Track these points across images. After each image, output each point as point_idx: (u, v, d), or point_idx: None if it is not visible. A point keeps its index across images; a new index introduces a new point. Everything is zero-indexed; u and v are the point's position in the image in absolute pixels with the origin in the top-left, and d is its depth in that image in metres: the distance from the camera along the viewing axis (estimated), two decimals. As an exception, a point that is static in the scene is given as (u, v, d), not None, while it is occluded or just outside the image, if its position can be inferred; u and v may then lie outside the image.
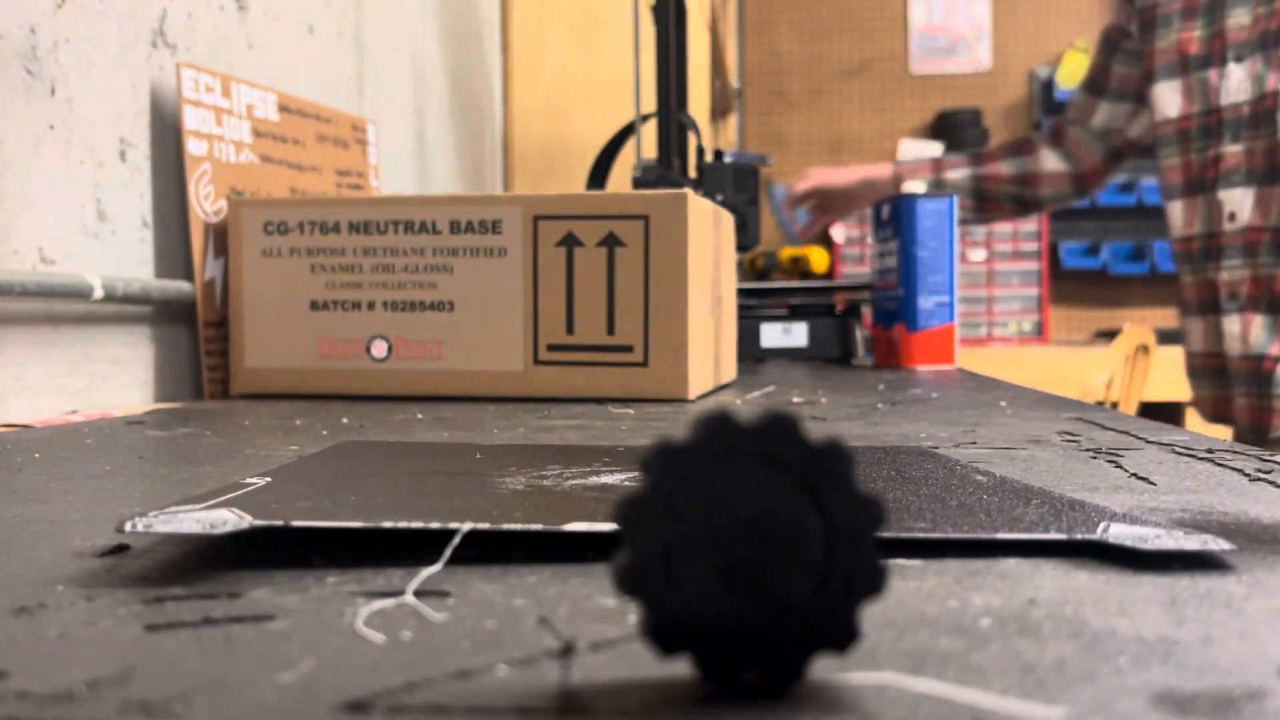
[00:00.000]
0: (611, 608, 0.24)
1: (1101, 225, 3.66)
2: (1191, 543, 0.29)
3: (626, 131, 1.47)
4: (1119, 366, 2.46)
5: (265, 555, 0.29)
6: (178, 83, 0.88)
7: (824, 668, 0.20)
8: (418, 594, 0.25)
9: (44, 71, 0.76)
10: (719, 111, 3.23)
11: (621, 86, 1.81)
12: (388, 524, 0.29)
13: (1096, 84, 1.49)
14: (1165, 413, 2.59)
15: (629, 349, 0.82)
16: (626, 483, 0.38)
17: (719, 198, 1.35)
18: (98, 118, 0.82)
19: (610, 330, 0.82)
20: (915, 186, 1.35)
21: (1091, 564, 0.28)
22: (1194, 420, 2.61)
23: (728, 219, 1.02)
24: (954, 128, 3.78)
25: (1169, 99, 1.38)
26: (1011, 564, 0.28)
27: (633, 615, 0.24)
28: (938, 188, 1.55)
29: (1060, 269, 3.72)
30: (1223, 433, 1.27)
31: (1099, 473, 0.45)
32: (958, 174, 1.56)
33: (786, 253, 3.53)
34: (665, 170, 1.37)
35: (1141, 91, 1.44)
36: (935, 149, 3.78)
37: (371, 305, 0.85)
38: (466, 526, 0.29)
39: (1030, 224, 3.62)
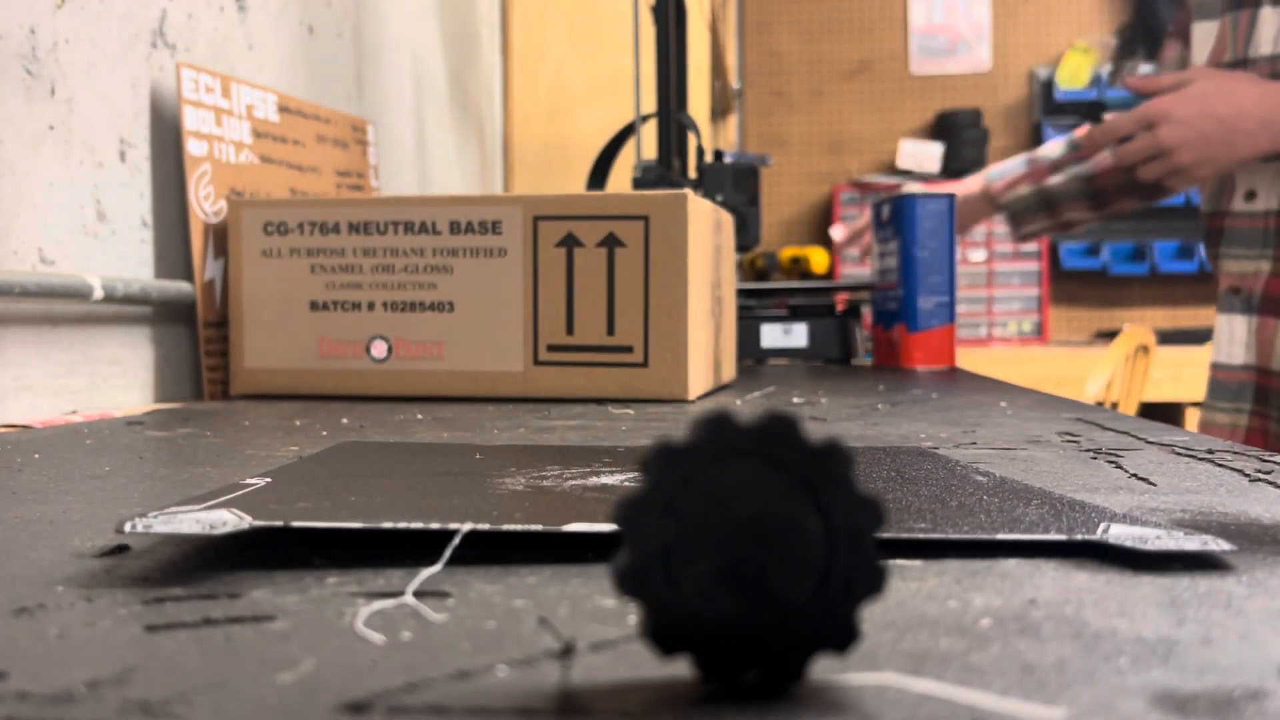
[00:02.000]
0: (611, 608, 0.24)
1: (1101, 225, 3.66)
2: (1191, 543, 0.29)
3: (626, 132, 1.47)
4: (1119, 367, 2.46)
5: (265, 556, 0.29)
6: (178, 83, 0.88)
7: (824, 668, 0.20)
8: (417, 594, 0.25)
9: (44, 72, 0.76)
10: (719, 112, 3.23)
11: (621, 86, 1.81)
12: (387, 524, 0.29)
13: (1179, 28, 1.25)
14: (1165, 413, 2.59)
15: (629, 349, 0.82)
16: (626, 483, 0.38)
17: (719, 198, 1.35)
18: (97, 118, 0.82)
19: (610, 331, 0.82)
20: (915, 187, 1.34)
21: (1092, 564, 0.28)
22: (1193, 420, 2.61)
23: (728, 219, 1.02)
24: (954, 128, 3.78)
25: (1202, 41, 1.15)
26: (1012, 564, 0.28)
27: (633, 615, 0.24)
28: (1043, 204, 1.35)
29: (1060, 269, 3.72)
30: None
31: (1099, 473, 0.45)
32: (1062, 179, 1.34)
33: (786, 253, 3.54)
34: (665, 170, 1.37)
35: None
36: (935, 150, 3.78)
37: (371, 306, 0.85)
38: (466, 527, 0.29)
39: (1030, 224, 3.61)
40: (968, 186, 1.39)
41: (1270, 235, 1.09)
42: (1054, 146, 1.36)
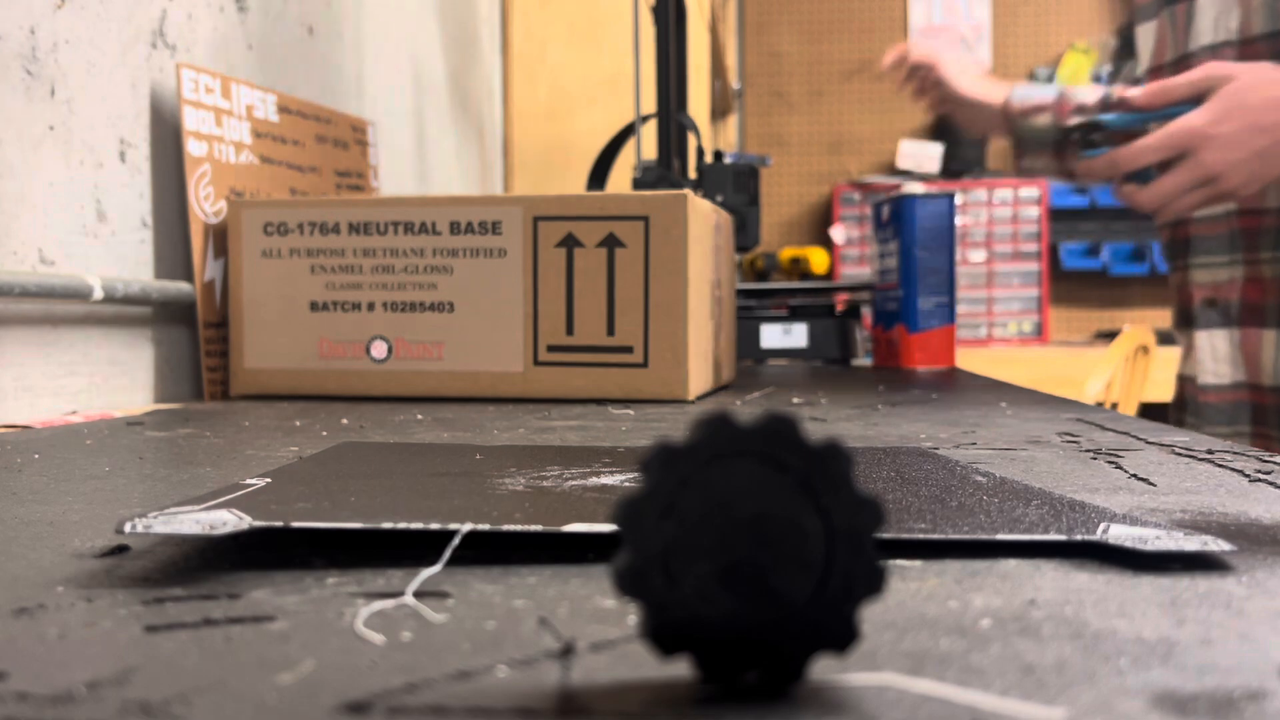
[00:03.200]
0: (611, 608, 0.24)
1: (1101, 226, 3.66)
2: (1191, 544, 0.29)
3: (626, 132, 1.47)
4: (1119, 367, 2.46)
5: (265, 556, 0.29)
6: (177, 83, 0.88)
7: (824, 668, 0.20)
8: (417, 595, 0.25)
9: (44, 72, 0.76)
10: (719, 112, 3.23)
11: (621, 87, 1.81)
12: (387, 525, 0.29)
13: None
14: (1165, 414, 2.59)
15: (629, 350, 0.82)
16: (626, 483, 0.38)
17: (719, 198, 1.35)
18: (97, 118, 0.82)
19: (610, 331, 0.82)
20: (915, 187, 1.34)
21: (1091, 565, 0.28)
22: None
23: (727, 219, 1.02)
24: (954, 128, 3.78)
25: (1145, 44, 1.11)
26: (1011, 565, 0.28)
27: (632, 616, 0.24)
28: (1055, 143, 1.15)
29: (1060, 269, 3.72)
30: None
31: (1099, 473, 0.45)
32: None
33: (786, 253, 3.54)
34: (665, 171, 1.37)
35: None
36: (935, 150, 3.78)
37: (371, 306, 0.85)
38: (466, 527, 0.29)
39: (1030, 225, 3.61)
40: (992, 94, 1.20)
41: (1237, 237, 1.01)
42: (1091, 92, 1.16)
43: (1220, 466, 0.46)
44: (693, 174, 1.43)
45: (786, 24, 3.92)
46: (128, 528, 0.28)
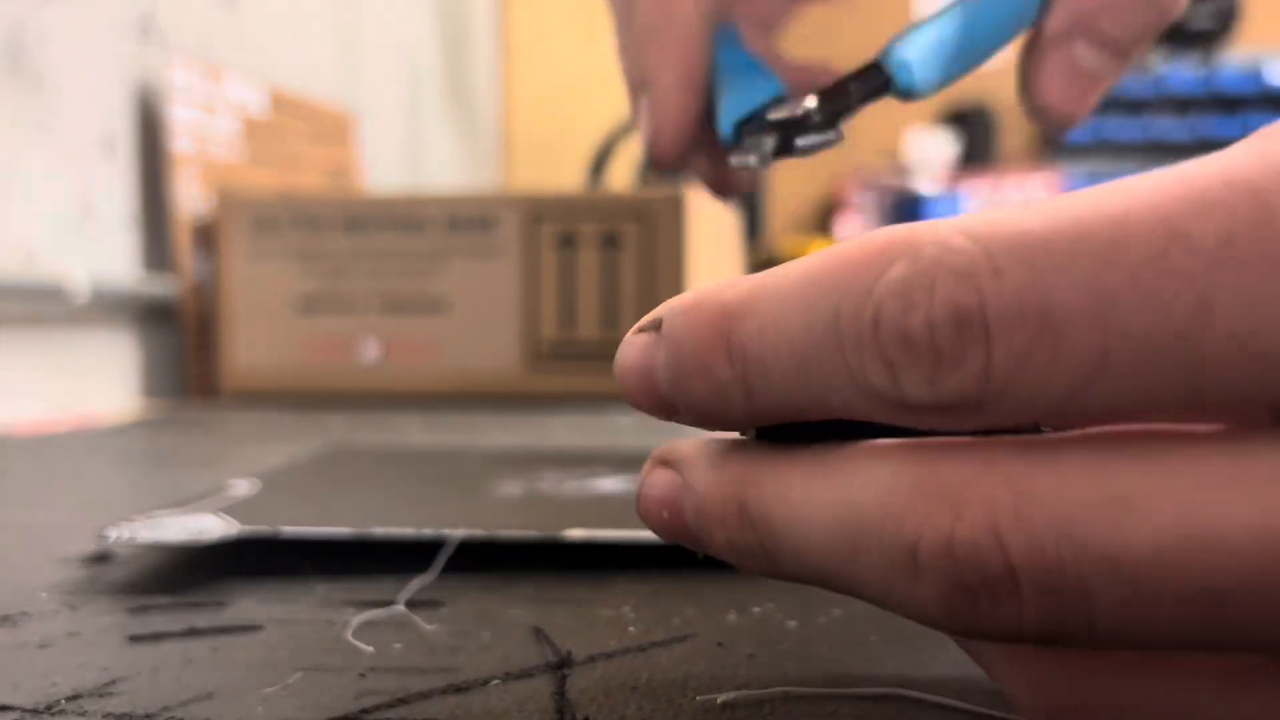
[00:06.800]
0: (609, 618, 0.24)
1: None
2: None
3: (626, 126, 1.47)
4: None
5: (252, 563, 0.29)
6: (166, 77, 0.88)
7: (827, 678, 0.19)
8: (410, 604, 0.25)
9: (30, 65, 0.75)
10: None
11: (621, 80, 1.80)
12: (379, 532, 0.28)
13: None
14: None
15: (623, 349, 0.81)
16: (626, 489, 0.38)
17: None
18: (84, 112, 0.81)
19: (609, 332, 0.82)
20: (922, 184, 1.33)
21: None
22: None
23: (729, 218, 1.02)
24: (961, 125, 3.78)
25: None
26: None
27: (631, 626, 0.23)
28: None
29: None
30: None
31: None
32: None
33: (789, 251, 3.54)
34: (661, 169, 1.36)
35: None
36: (943, 145, 3.78)
37: (364, 305, 0.85)
38: (460, 535, 0.28)
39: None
40: None
41: None
42: None
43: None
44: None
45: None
46: (112, 535, 0.27)
